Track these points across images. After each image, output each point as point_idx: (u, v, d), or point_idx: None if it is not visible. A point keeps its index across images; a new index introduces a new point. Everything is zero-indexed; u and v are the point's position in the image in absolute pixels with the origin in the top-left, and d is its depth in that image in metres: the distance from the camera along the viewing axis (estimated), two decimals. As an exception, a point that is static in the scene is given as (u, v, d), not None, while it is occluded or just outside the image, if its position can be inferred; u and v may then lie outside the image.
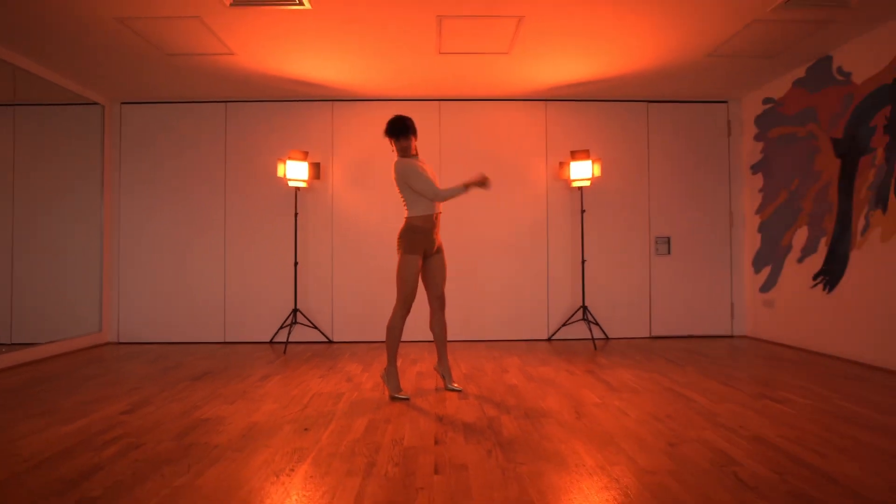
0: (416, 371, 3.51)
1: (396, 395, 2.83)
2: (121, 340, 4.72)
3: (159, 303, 4.71)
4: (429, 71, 4.13)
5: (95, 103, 4.59)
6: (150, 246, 4.73)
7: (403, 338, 4.69)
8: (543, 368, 3.53)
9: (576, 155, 4.50)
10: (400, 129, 2.85)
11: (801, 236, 4.10)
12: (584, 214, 4.73)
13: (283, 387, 3.09)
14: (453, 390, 2.95)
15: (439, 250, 2.95)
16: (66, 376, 3.37)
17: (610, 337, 4.78)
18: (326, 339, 4.72)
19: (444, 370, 3.01)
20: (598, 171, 4.47)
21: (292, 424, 2.38)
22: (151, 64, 3.90)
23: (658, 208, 4.85)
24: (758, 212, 4.64)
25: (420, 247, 2.83)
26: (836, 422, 2.32)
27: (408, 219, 2.85)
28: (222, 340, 4.73)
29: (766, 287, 4.51)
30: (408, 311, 2.83)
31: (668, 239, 4.84)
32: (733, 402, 2.64)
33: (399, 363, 3.73)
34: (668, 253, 4.84)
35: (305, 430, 2.30)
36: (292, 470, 1.85)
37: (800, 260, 4.11)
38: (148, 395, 2.89)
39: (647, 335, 4.81)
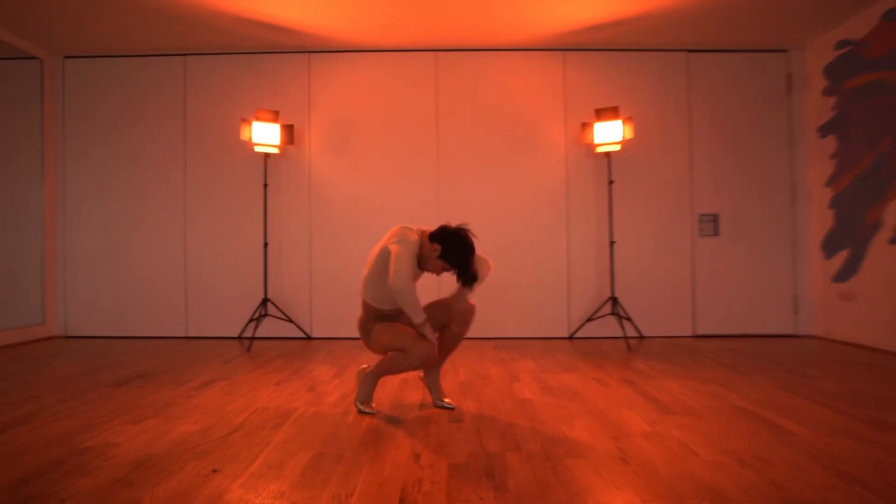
0: (401, 377, 2.74)
1: (362, 408, 2.11)
2: (68, 334, 4.05)
3: (111, 291, 4.02)
4: (422, 9, 3.34)
5: (34, 57, 3.90)
6: (100, 224, 4.03)
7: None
8: (566, 376, 2.74)
9: (602, 114, 3.68)
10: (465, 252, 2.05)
11: (894, 211, 3.23)
12: (613, 186, 3.91)
13: (222, 397, 2.35)
14: (443, 407, 2.18)
15: None
16: (-39, 380, 2.68)
17: (644, 335, 3.95)
18: (304, 335, 3.98)
19: (431, 381, 2.24)
20: (629, 133, 3.64)
21: (200, 460, 1.63)
22: (82, -3, 3.18)
23: (702, 180, 4.00)
24: (829, 184, 3.77)
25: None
26: None
27: (366, 303, 2.11)
28: (184, 335, 4.02)
29: (843, 276, 3.64)
30: (424, 355, 1.95)
31: (715, 217, 3.99)
32: (849, 436, 1.82)
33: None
34: (715, 234, 3.99)
35: (214, 471, 1.55)
36: (145, 561, 1.10)
37: (893, 240, 3.24)
38: (39, 408, 2.17)
39: (690, 333, 3.97)
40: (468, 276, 2.03)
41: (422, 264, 2.09)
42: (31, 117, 3.91)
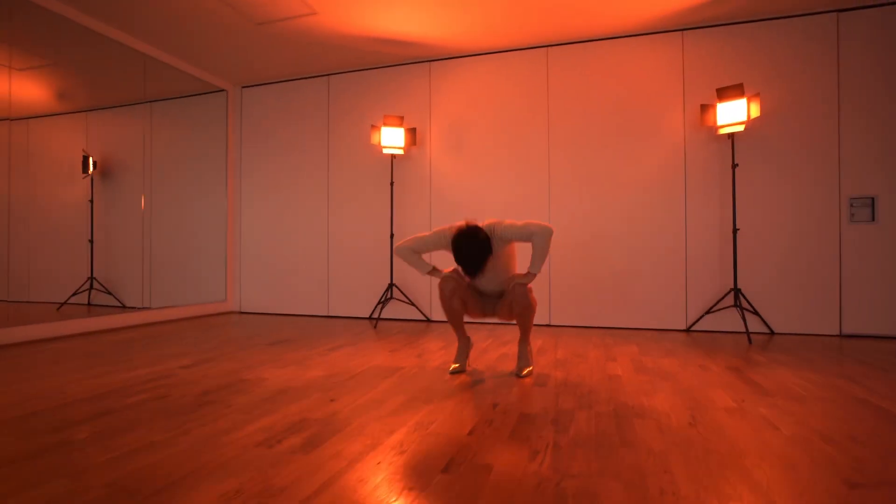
0: (502, 352, 2.95)
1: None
2: (242, 310, 5.02)
3: (273, 276, 4.89)
4: (533, 7, 3.52)
5: (221, 90, 4.94)
6: (266, 222, 4.94)
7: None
8: (666, 360, 2.70)
9: (724, 94, 3.47)
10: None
11: None
12: (737, 170, 3.64)
13: (345, 357, 2.81)
14: (520, 377, 2.34)
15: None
16: (173, 335, 3.56)
17: (775, 332, 3.61)
18: (424, 318, 4.40)
19: (519, 350, 2.44)
20: (755, 112, 3.38)
21: (323, 393, 2.05)
22: (246, 36, 3.97)
23: (854, 158, 3.52)
24: None
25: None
26: None
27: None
28: (326, 314, 4.72)
29: None
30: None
31: (872, 200, 3.48)
32: None
33: (486, 342, 3.22)
34: (872, 220, 3.48)
35: (331, 400, 1.95)
36: (278, 441, 1.49)
37: None
38: (217, 355, 2.84)
39: (836, 332, 3.52)
40: (469, 273, 2.22)
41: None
42: (219, 139, 4.95)
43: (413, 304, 4.37)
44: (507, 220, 2.31)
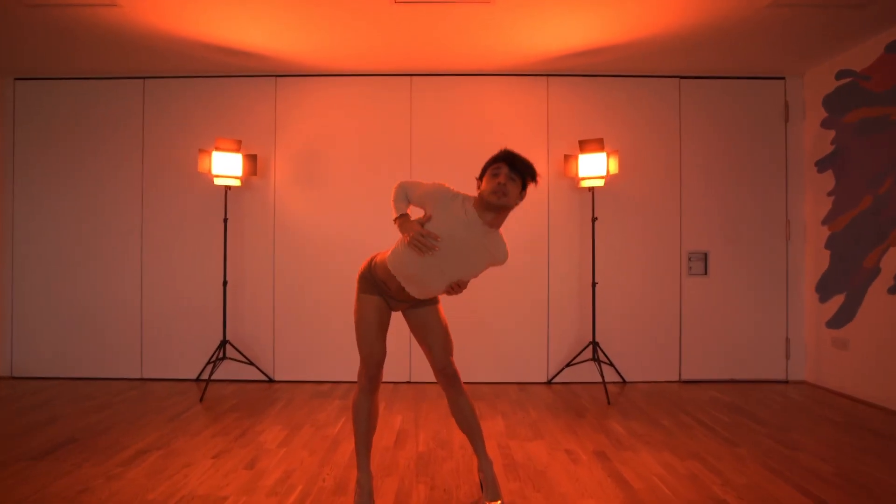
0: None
1: None
2: (15, 374, 3.80)
3: (64, 329, 3.78)
4: (389, 33, 3.11)
5: (-21, 79, 3.67)
6: (52, 255, 3.79)
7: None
8: (534, 445, 2.51)
9: (585, 146, 3.45)
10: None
11: (894, 257, 3.01)
12: (596, 223, 3.67)
13: (147, 478, 2.11)
14: None
15: (428, 301, 2.06)
16: None
17: (627, 380, 3.72)
18: (266, 378, 3.74)
19: (484, 474, 1.91)
20: (614, 168, 3.42)
21: None
22: (15, 19, 2.93)
23: (692, 216, 3.77)
24: (826, 222, 3.54)
25: (374, 287, 1.98)
26: None
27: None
28: (139, 377, 3.78)
29: (838, 322, 3.42)
30: (370, 380, 1.90)
31: (705, 255, 3.76)
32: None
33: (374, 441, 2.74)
34: (705, 273, 3.76)
35: None
36: None
37: (892, 290, 3.02)
38: (-65, 497, 1.94)
39: (676, 378, 3.74)
40: (518, 169, 1.88)
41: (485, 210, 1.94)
42: (-22, 144, 3.68)
43: (252, 364, 3.69)
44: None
